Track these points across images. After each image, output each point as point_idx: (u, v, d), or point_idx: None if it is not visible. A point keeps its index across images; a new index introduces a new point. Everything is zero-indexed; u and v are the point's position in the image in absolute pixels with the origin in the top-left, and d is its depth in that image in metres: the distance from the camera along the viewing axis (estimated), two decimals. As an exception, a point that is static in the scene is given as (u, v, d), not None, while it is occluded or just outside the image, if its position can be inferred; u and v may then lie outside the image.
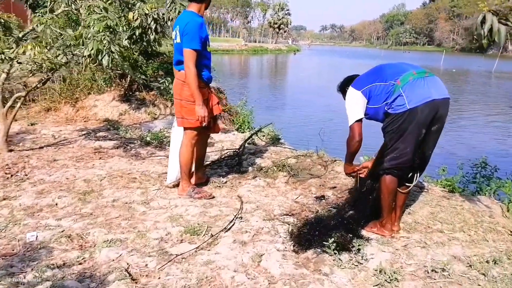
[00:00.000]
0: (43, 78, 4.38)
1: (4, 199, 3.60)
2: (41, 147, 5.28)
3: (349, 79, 3.22)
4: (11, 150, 4.92)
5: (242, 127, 7.38)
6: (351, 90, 3.04)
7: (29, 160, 4.68)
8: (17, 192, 3.76)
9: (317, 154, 5.06)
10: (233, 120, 7.59)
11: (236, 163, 4.69)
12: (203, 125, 3.46)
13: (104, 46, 3.37)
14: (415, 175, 3.00)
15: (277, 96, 20.51)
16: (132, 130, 6.37)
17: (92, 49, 3.35)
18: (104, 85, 7.59)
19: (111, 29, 3.55)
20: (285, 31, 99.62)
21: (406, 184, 3.03)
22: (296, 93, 21.29)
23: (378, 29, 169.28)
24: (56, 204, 3.53)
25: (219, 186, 3.96)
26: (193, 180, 3.96)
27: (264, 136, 6.19)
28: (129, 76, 7.29)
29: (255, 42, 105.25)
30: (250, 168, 4.58)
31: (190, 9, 3.46)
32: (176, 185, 3.88)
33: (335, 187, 3.99)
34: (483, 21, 2.72)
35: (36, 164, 4.57)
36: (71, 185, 3.97)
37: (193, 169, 3.97)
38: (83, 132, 6.23)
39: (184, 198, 3.67)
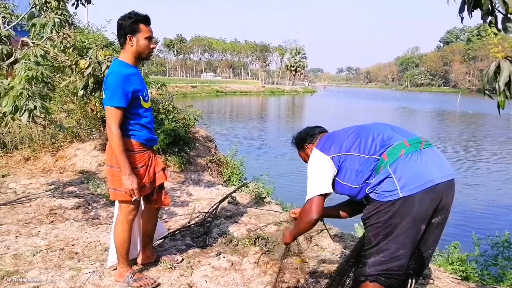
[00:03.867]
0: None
1: None
2: (-6, 206, 4.69)
3: (309, 133, 2.50)
4: (-48, 212, 4.33)
5: (231, 180, 6.69)
6: (316, 153, 2.29)
7: (-33, 225, 4.07)
8: None
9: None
10: (221, 171, 6.91)
11: (204, 232, 3.97)
12: (133, 199, 2.75)
13: (22, 101, 2.78)
14: (410, 280, 2.20)
15: (283, 140, 19.74)
16: (105, 184, 5.75)
17: (7, 105, 2.77)
18: (84, 133, 7.08)
19: (40, 81, 2.98)
20: (301, 73, 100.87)
21: (398, 293, 2.23)
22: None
23: (393, 71, 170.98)
24: (-39, 293, 2.86)
25: (171, 268, 3.21)
26: (139, 260, 3.26)
27: (249, 192, 5.48)
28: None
29: (273, 83, 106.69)
30: (218, 240, 3.83)
31: (119, 57, 2.79)
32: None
33: (314, 272, 3.21)
34: (497, 71, 1.93)
35: (-27, 232, 3.95)
36: (-5, 262, 3.30)
37: (139, 247, 3.28)
38: (52, 187, 5.64)
39: (121, 286, 2.95)
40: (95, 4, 4.27)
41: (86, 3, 4.09)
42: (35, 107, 2.87)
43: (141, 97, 2.77)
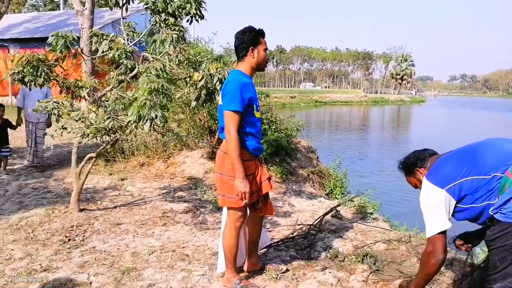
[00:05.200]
0: (110, 140, 4.22)
1: (45, 270, 3.34)
2: (115, 207, 5.15)
3: (419, 157, 2.34)
4: (82, 210, 4.84)
5: (333, 193, 6.53)
6: (429, 187, 2.13)
7: (94, 222, 4.52)
8: (62, 262, 3.49)
9: (414, 238, 4.03)
10: (323, 183, 6.79)
11: (308, 245, 3.91)
12: (244, 203, 2.81)
13: (145, 111, 3.03)
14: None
15: (387, 152, 18.75)
16: (211, 191, 6.00)
17: (132, 114, 3.04)
18: (193, 142, 7.49)
19: (160, 92, 3.22)
20: (408, 82, 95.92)
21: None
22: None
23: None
24: (90, 283, 3.15)
25: (276, 278, 3.20)
26: (246, 267, 3.30)
27: (354, 207, 5.29)
28: (217, 132, 7.08)
29: (376, 93, 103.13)
30: (323, 254, 3.74)
31: (237, 67, 2.96)
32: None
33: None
34: None
35: (99, 228, 4.36)
36: (117, 258, 3.60)
37: (244, 254, 3.32)
38: (164, 191, 6.04)
39: (228, 291, 3.01)
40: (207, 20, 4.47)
41: (200, 18, 4.32)
42: (156, 117, 3.12)
43: (254, 106, 2.89)
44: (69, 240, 4.05)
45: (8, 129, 7.23)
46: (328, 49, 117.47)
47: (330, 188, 6.65)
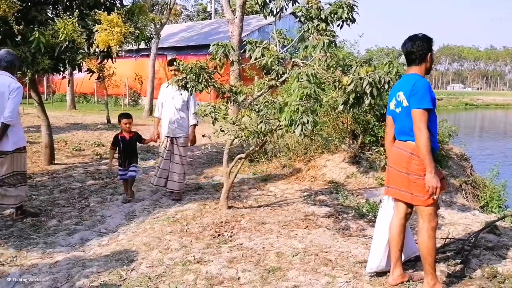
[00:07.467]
0: (259, 142, 4.44)
1: (198, 262, 3.66)
2: (259, 206, 5.40)
3: None
4: (230, 207, 5.18)
5: (489, 206, 5.85)
6: None
7: (241, 220, 4.79)
8: (213, 256, 3.77)
9: None
10: (477, 195, 6.12)
11: (461, 261, 3.57)
12: (434, 198, 2.85)
13: (297, 116, 3.12)
14: None
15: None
16: (353, 196, 5.89)
17: (285, 119, 3.15)
18: (334, 145, 7.43)
19: (312, 98, 3.28)
20: None
21: None
22: None
23: None
24: (238, 279, 3.35)
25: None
26: (391, 279, 3.15)
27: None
28: (360, 136, 6.92)
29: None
30: (478, 272, 3.36)
31: (411, 72, 3.09)
32: (377, 274, 3.27)
33: None
34: None
35: (245, 226, 4.62)
36: (262, 256, 3.76)
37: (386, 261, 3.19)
38: (305, 194, 6.13)
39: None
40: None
41: (351, 22, 4.27)
42: (307, 121, 3.20)
43: (436, 106, 2.99)
44: (218, 235, 4.36)
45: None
46: (482, 48, 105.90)
47: (485, 201, 5.97)
